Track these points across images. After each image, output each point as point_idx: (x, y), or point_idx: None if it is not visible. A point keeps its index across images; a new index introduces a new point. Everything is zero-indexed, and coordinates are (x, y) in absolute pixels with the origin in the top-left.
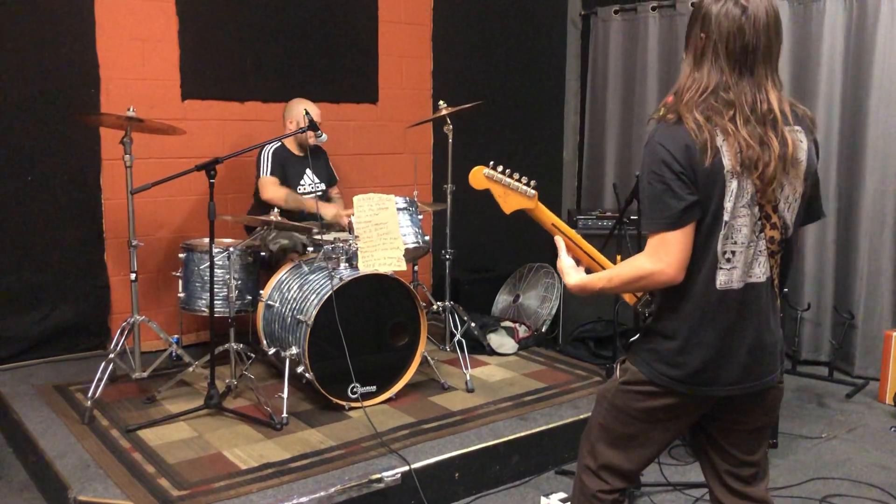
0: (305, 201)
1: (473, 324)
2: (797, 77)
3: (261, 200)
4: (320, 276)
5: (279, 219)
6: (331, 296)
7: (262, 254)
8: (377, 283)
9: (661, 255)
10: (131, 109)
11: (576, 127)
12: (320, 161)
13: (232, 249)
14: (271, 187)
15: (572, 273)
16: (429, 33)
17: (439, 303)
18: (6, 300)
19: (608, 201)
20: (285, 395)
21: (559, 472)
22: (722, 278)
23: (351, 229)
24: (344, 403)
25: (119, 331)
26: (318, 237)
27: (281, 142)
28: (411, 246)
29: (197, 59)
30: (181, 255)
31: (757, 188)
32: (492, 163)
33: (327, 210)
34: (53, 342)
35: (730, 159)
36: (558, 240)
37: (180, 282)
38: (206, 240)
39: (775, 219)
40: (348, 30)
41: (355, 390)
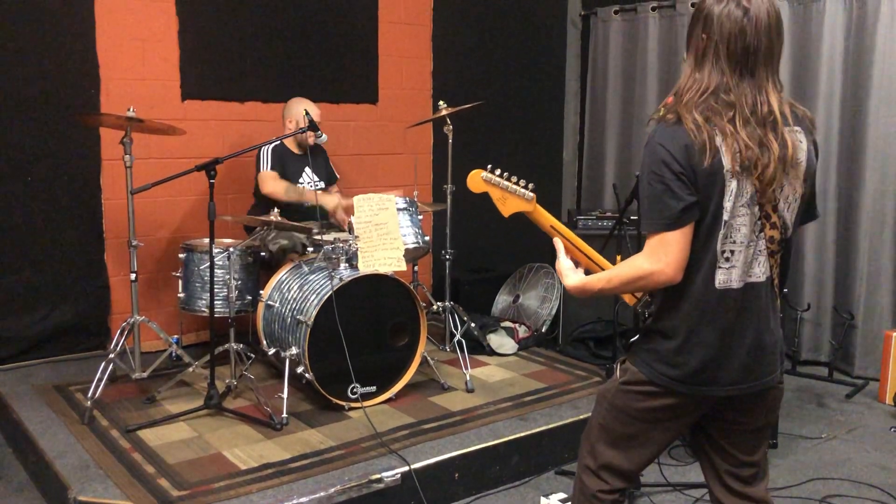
0: (305, 192)
1: (473, 324)
2: (797, 77)
3: (261, 199)
4: (320, 277)
5: (279, 219)
6: (331, 296)
7: (262, 254)
8: (377, 283)
9: (660, 256)
10: (131, 110)
11: (576, 127)
12: (320, 159)
13: (232, 250)
14: (271, 181)
15: (571, 274)
16: (429, 34)
17: (439, 303)
18: (6, 300)
19: (608, 202)
20: (285, 395)
21: (559, 473)
22: (721, 277)
23: (351, 230)
24: (344, 404)
25: (119, 331)
26: (318, 237)
27: (280, 140)
28: (411, 246)
29: (197, 59)
30: (181, 256)
31: (756, 188)
32: (489, 166)
33: (328, 200)
34: (53, 342)
35: (728, 160)
36: (557, 242)
37: (180, 282)
38: (206, 240)
39: (775, 218)
40: (348, 30)
41: (355, 390)
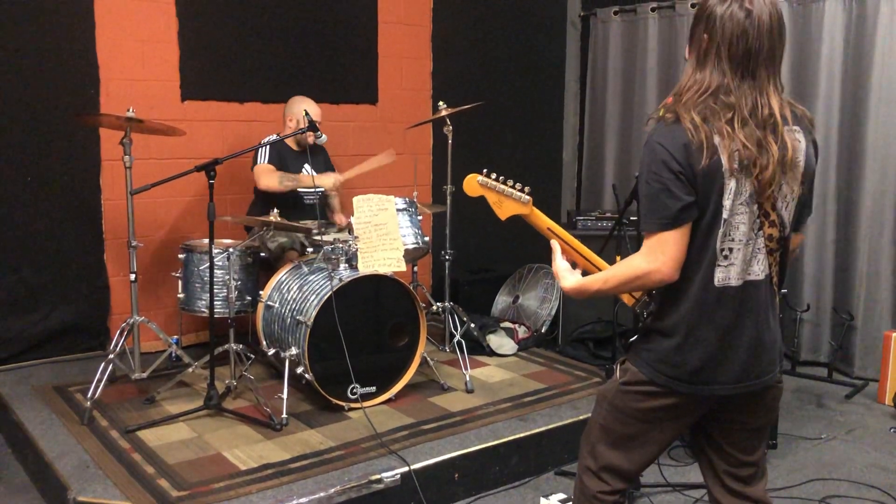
0: (300, 178)
1: (473, 324)
2: (797, 77)
3: (260, 195)
4: (320, 277)
5: (279, 219)
6: (330, 296)
7: (262, 254)
8: (377, 283)
9: (657, 255)
10: (131, 110)
11: (575, 128)
12: (319, 157)
13: (231, 250)
14: (265, 176)
15: (568, 276)
16: (428, 34)
17: (439, 303)
18: (6, 300)
19: (608, 202)
20: (285, 395)
21: (559, 473)
22: (720, 275)
23: (351, 230)
24: (343, 404)
25: (119, 331)
26: (318, 238)
27: (281, 139)
28: (411, 247)
29: (197, 59)
30: (181, 256)
31: (755, 187)
32: (485, 170)
33: (325, 180)
34: (53, 343)
35: (726, 159)
36: (554, 244)
37: (180, 282)
38: (206, 240)
39: (774, 216)
40: (348, 31)
41: (355, 391)
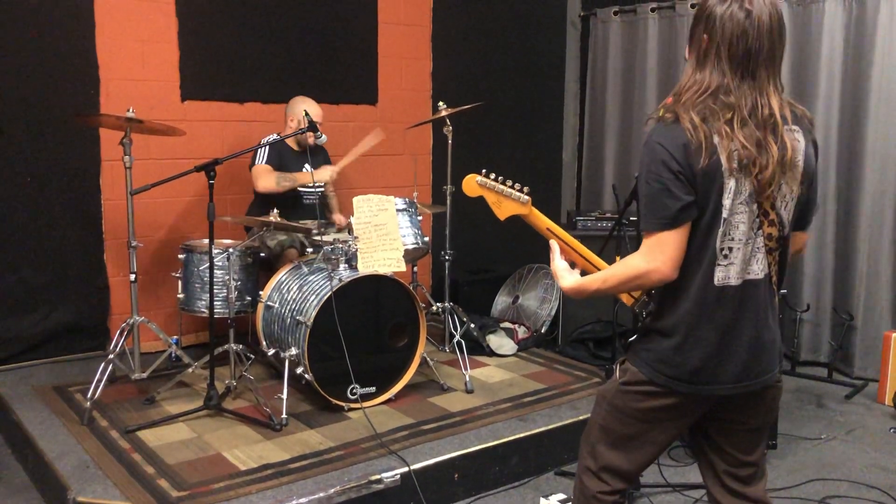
0: (297, 176)
1: (473, 325)
2: (797, 77)
3: (259, 195)
4: (320, 277)
5: (278, 219)
6: (330, 297)
7: (262, 254)
8: (376, 284)
9: (656, 254)
10: (131, 110)
11: (575, 128)
12: (319, 157)
13: (231, 250)
14: (263, 177)
15: (566, 276)
16: (428, 34)
17: (439, 304)
18: (6, 300)
19: (608, 202)
20: (285, 395)
21: (559, 474)
22: (720, 274)
23: (350, 230)
24: (343, 404)
25: (118, 331)
26: (318, 238)
27: (282, 139)
28: (411, 247)
29: (196, 59)
30: (181, 256)
31: (754, 187)
32: (484, 170)
33: (322, 175)
34: (53, 343)
35: (725, 159)
36: (552, 244)
37: (180, 283)
38: (206, 241)
39: (773, 216)
40: (348, 31)
41: (355, 391)
